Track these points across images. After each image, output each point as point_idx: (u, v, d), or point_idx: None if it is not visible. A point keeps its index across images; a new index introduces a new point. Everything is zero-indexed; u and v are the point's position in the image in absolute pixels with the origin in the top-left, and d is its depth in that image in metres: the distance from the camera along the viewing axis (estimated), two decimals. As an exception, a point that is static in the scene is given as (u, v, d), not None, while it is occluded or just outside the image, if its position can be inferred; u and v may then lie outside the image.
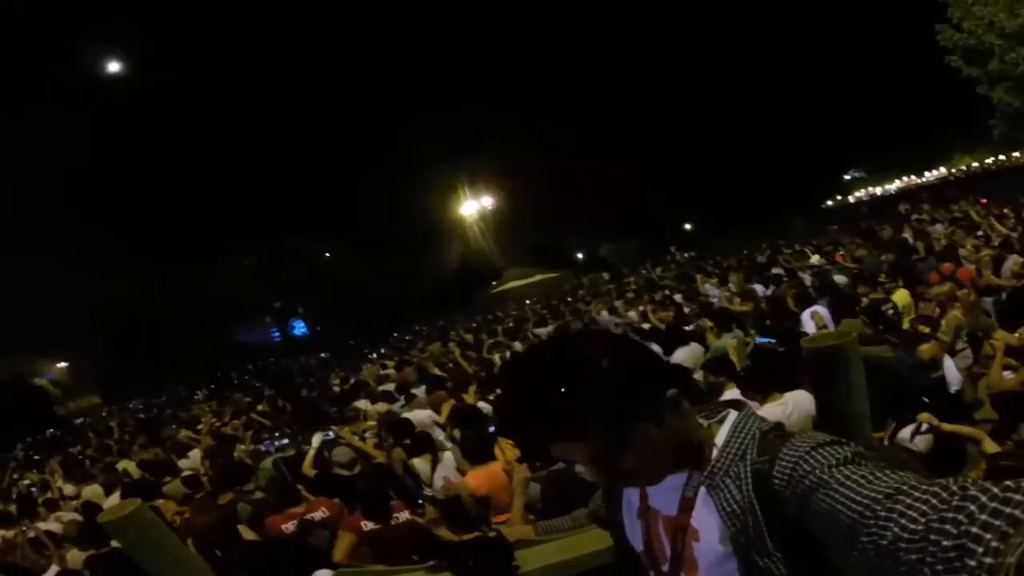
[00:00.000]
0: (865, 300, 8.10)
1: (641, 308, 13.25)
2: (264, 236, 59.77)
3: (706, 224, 53.37)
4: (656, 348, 7.79)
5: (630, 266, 38.22)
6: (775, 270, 13.76)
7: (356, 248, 61.27)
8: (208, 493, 6.52)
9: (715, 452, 1.36)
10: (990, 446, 3.52)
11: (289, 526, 4.89)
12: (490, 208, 46.89)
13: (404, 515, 4.48)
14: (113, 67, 43.93)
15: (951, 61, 25.35)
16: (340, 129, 53.74)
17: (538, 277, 41.68)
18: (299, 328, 65.31)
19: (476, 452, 5.06)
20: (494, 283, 45.34)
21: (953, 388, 5.53)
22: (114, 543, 5.08)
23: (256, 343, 62.09)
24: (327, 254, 64.60)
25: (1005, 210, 14.20)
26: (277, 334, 65.16)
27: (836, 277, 10.72)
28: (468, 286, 47.41)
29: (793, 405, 4.21)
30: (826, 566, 1.16)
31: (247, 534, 4.84)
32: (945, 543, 0.95)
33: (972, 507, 0.93)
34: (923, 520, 0.99)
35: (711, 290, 13.61)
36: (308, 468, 6.62)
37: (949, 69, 25.67)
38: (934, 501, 1.00)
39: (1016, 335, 4.94)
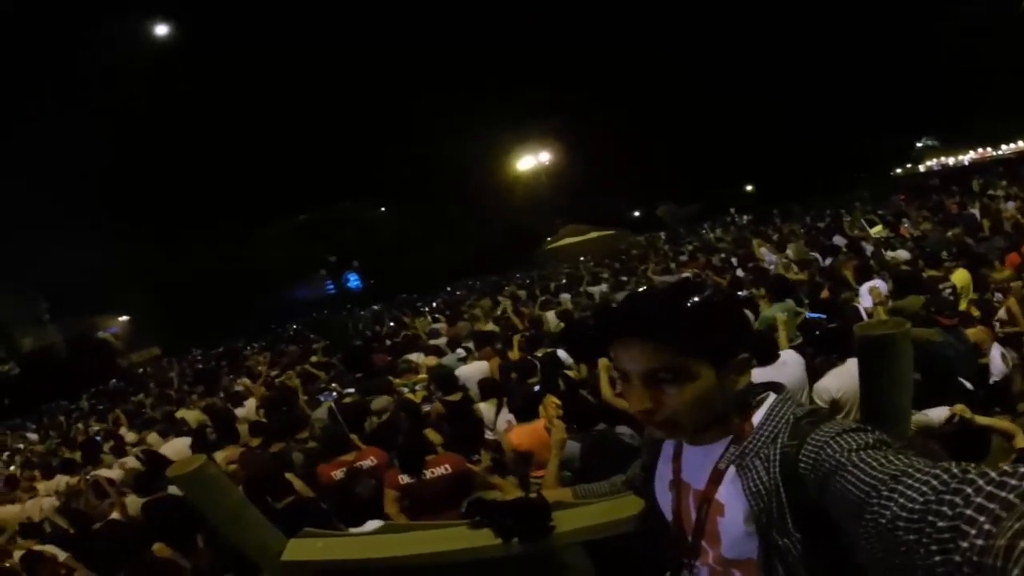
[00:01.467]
0: (925, 277, 7.82)
1: (695, 270, 13.10)
2: (319, 198, 60.64)
3: (769, 188, 52.19)
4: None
5: (687, 227, 37.82)
6: (836, 239, 13.39)
7: (411, 206, 61.77)
8: (262, 442, 6.66)
9: (750, 432, 1.43)
10: (1022, 441, 3.42)
11: (338, 473, 5.00)
12: (547, 164, 46.66)
13: (442, 469, 4.51)
14: (161, 32, 44.64)
15: None
16: (394, 92, 53.44)
17: (593, 235, 41.28)
18: (353, 281, 65.90)
19: (521, 409, 5.09)
20: (548, 239, 45.13)
21: (993, 378, 5.40)
22: (171, 489, 5.28)
23: (311, 297, 63.23)
24: (382, 209, 65.14)
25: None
26: (332, 287, 65.94)
27: (898, 252, 10.43)
28: (523, 243, 47.20)
29: (850, 374, 4.13)
30: (840, 550, 1.21)
31: (297, 483, 4.95)
32: (940, 524, 0.98)
33: (969, 490, 0.96)
34: (921, 500, 1.02)
35: (767, 255, 13.35)
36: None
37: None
38: (934, 483, 1.03)
39: None
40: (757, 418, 1.44)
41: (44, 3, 40.25)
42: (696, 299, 1.38)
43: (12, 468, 10.80)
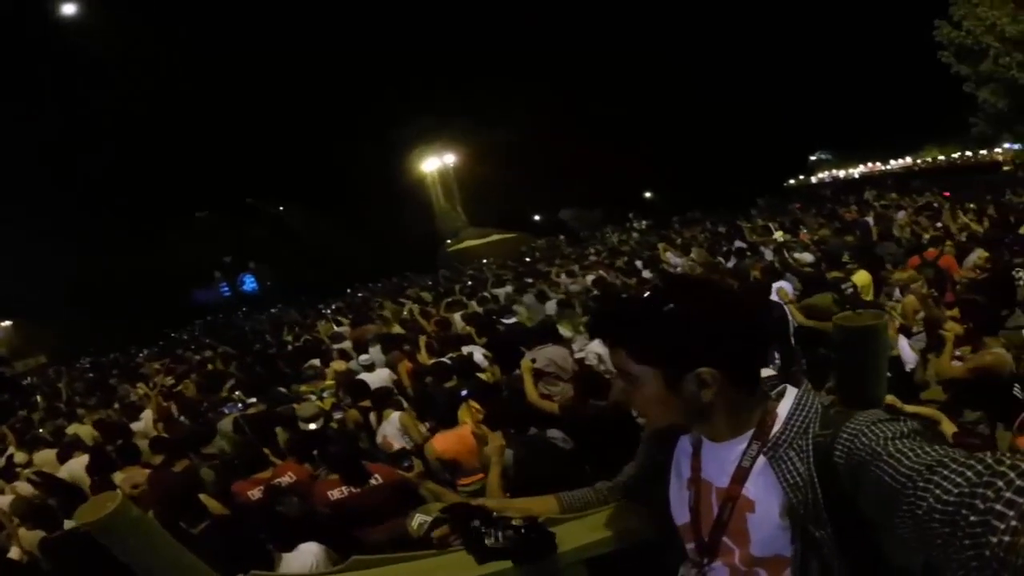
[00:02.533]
0: (828, 277, 8.32)
1: (601, 272, 13.21)
2: (215, 197, 59.13)
3: (667, 196, 53.39)
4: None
5: (588, 232, 38.30)
6: (737, 243, 13.81)
7: (310, 207, 60.79)
8: (165, 459, 6.12)
9: (777, 425, 1.39)
10: (948, 427, 3.60)
11: (255, 492, 4.71)
12: (451, 166, 46.59)
13: (373, 480, 4.33)
14: (68, 10, 42.29)
15: (942, 56, 26.69)
16: (300, 91, 52.58)
17: (495, 237, 41.46)
18: (249, 284, 64.43)
19: (444, 414, 4.97)
20: (449, 241, 45.06)
21: (908, 367, 5.83)
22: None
23: (205, 300, 61.46)
24: (281, 208, 63.82)
25: (970, 205, 14.42)
26: (227, 290, 64.23)
27: (802, 255, 10.88)
28: (425, 244, 46.96)
29: None
30: (873, 541, 1.23)
31: (212, 503, 4.63)
32: (972, 518, 0.98)
33: (1000, 483, 0.96)
34: (956, 492, 1.02)
35: (673, 259, 13.63)
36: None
37: (925, 61, 27.40)
38: (969, 474, 1.03)
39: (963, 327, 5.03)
40: (782, 409, 1.41)
41: None
42: (654, 307, 1.38)
43: None
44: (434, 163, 46.55)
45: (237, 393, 9.04)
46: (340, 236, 62.08)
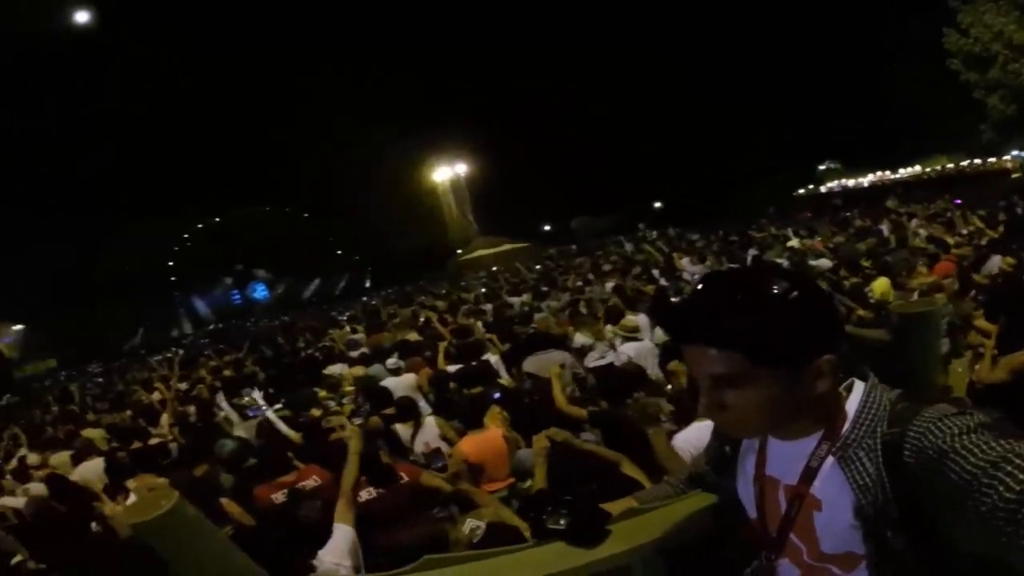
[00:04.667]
0: (847, 284, 8.35)
1: (616, 281, 13.15)
2: (228, 202, 59.58)
3: (676, 205, 53.25)
4: (644, 318, 7.80)
5: (599, 241, 38.28)
6: (752, 252, 13.74)
7: (324, 215, 61.20)
8: (181, 464, 6.14)
9: (847, 424, 1.33)
10: None
11: (279, 496, 4.63)
12: (462, 176, 46.75)
13: (404, 476, 4.28)
14: (78, 20, 42.64)
15: (951, 64, 26.98)
16: (312, 96, 52.72)
17: (506, 247, 41.55)
18: (260, 291, 64.80)
19: (469, 416, 4.93)
20: (460, 251, 45.15)
21: None
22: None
23: (216, 305, 62.09)
24: (290, 217, 64.31)
25: (980, 212, 14.43)
26: (238, 297, 64.59)
27: (819, 261, 10.80)
28: (436, 254, 47.12)
29: None
30: (946, 542, 1.17)
31: (233, 508, 4.59)
32: None
33: None
34: (1018, 489, 1.01)
35: (688, 266, 13.50)
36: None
37: (934, 69, 27.11)
38: None
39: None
40: (851, 406, 1.34)
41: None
42: (770, 297, 1.25)
43: None
44: (446, 172, 46.68)
45: (253, 396, 8.96)
46: (352, 246, 62.58)
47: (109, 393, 16.97)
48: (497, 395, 5.23)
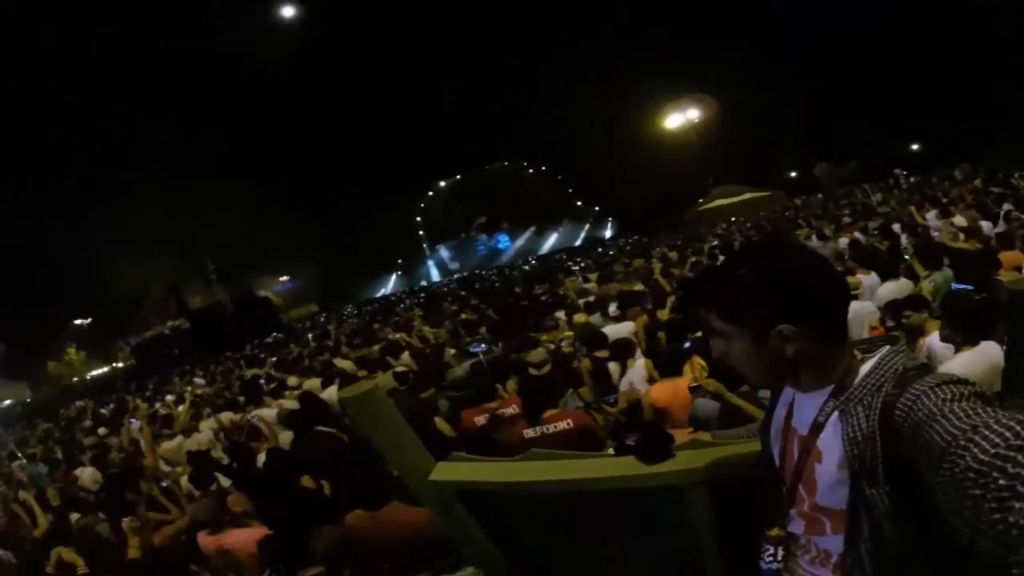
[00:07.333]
0: None
1: (854, 235, 12.50)
2: (471, 161, 62.85)
3: (937, 147, 47.56)
4: (873, 278, 7.47)
5: (846, 188, 36.00)
6: (1006, 206, 12.28)
7: (561, 168, 62.14)
8: (412, 387, 7.00)
9: (856, 381, 1.42)
10: None
11: (480, 419, 5.17)
12: (697, 121, 45.47)
13: (564, 423, 4.53)
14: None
15: None
16: (545, 52, 53.22)
17: (746, 196, 40.33)
18: (503, 242, 67.26)
19: (666, 364, 5.11)
20: (700, 201, 44.25)
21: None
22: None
23: (462, 256, 65.46)
24: (532, 173, 65.94)
25: None
26: (482, 248, 67.45)
27: None
28: (672, 204, 46.28)
29: (980, 356, 3.92)
30: (927, 508, 1.21)
31: (443, 426, 5.29)
32: (1001, 481, 1.01)
33: None
34: (991, 452, 1.04)
35: (932, 221, 12.45)
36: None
37: None
38: (1007, 435, 1.06)
39: None
40: (866, 367, 1.42)
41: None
42: (744, 270, 1.45)
43: (180, 408, 11.70)
44: (678, 119, 45.53)
45: (478, 339, 9.71)
46: (590, 196, 63.07)
47: (359, 333, 18.47)
48: (687, 345, 5.40)
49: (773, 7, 49.09)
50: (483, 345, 8.34)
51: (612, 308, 9.35)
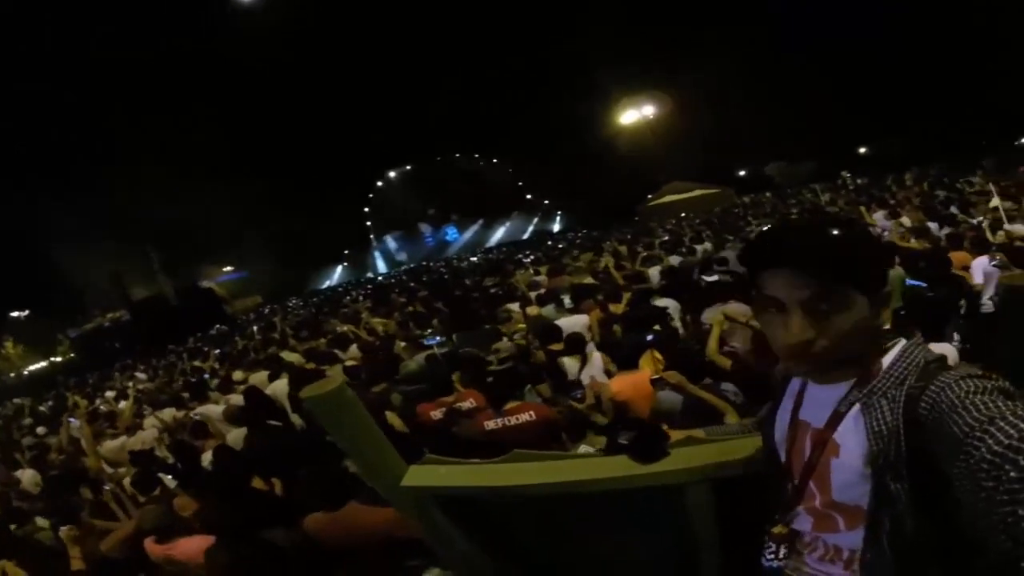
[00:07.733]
0: None
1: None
2: (420, 152, 62.51)
3: (884, 152, 48.79)
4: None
5: (796, 188, 36.59)
6: (952, 209, 12.59)
7: (511, 161, 62.30)
8: (362, 382, 6.86)
9: (879, 374, 1.39)
10: None
11: (437, 413, 5.11)
12: (651, 118, 45.88)
13: (526, 415, 4.48)
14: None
15: None
16: (496, 43, 53.19)
17: (697, 192, 40.77)
18: (451, 234, 67.35)
19: (625, 358, 5.05)
20: (650, 196, 44.62)
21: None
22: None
23: (410, 248, 65.38)
24: (482, 165, 65.97)
25: None
26: (431, 240, 67.41)
27: (1015, 226, 9.75)
28: (624, 199, 46.66)
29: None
30: (950, 503, 1.17)
31: (395, 421, 5.15)
32: (1012, 474, 1.01)
33: None
34: (1005, 444, 1.05)
35: (881, 221, 12.69)
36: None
37: None
38: (1022, 426, 1.06)
39: None
40: (887, 360, 1.39)
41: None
42: (845, 230, 1.35)
43: (122, 405, 11.36)
44: (633, 115, 45.92)
45: (430, 331, 9.58)
46: (539, 189, 63.32)
47: (306, 325, 18.22)
48: (649, 338, 5.35)
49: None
50: (438, 337, 8.21)
51: (567, 300, 9.32)
